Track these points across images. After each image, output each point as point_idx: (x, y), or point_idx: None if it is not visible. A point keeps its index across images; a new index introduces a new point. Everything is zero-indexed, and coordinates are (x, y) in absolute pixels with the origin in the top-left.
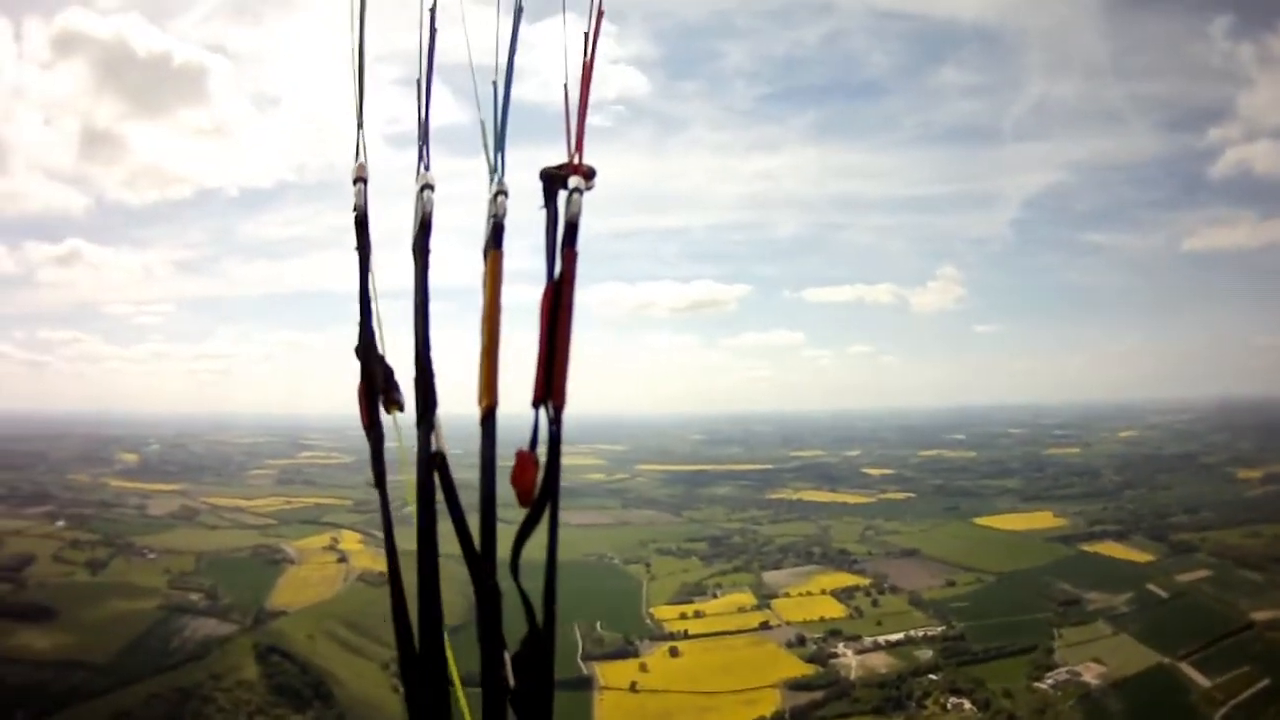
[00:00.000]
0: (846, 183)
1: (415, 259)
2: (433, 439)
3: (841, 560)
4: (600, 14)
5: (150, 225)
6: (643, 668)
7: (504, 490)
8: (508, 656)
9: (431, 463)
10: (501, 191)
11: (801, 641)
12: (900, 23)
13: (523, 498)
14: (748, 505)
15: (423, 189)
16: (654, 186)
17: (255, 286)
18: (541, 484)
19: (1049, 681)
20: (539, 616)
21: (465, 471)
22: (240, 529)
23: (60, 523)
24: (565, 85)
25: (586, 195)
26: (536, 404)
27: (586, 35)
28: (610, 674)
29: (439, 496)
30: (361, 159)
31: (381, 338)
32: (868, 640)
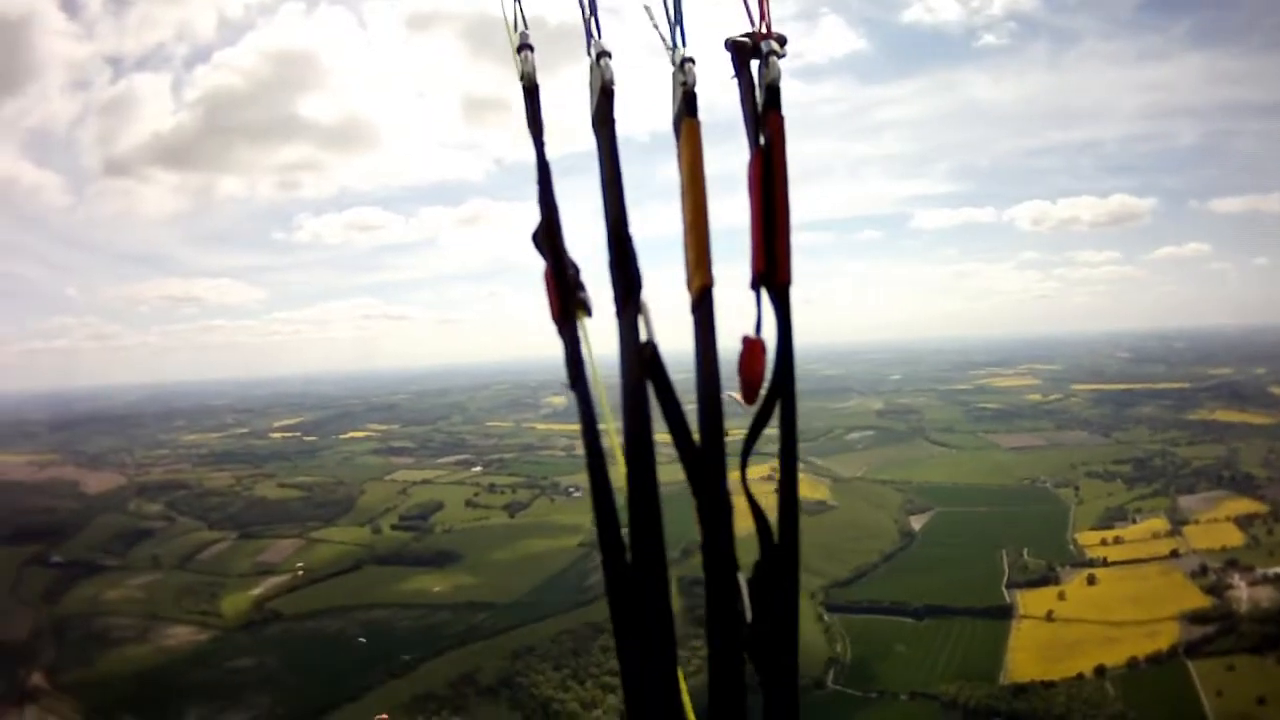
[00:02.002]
0: (1231, 89)
1: (598, 130)
2: (640, 326)
3: (1246, 485)
4: None
5: (560, 178)
6: (1061, 596)
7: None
8: (743, 582)
9: (641, 354)
10: (689, 59)
11: (1204, 571)
12: None
13: (749, 391)
14: (1168, 426)
15: (599, 57)
16: (1060, 101)
17: (676, 226)
18: (774, 373)
19: None
20: (775, 532)
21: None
22: (676, 463)
23: (476, 469)
24: None
25: (783, 63)
26: (756, 284)
27: None
28: (1031, 602)
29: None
30: (523, 27)
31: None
32: (1259, 572)
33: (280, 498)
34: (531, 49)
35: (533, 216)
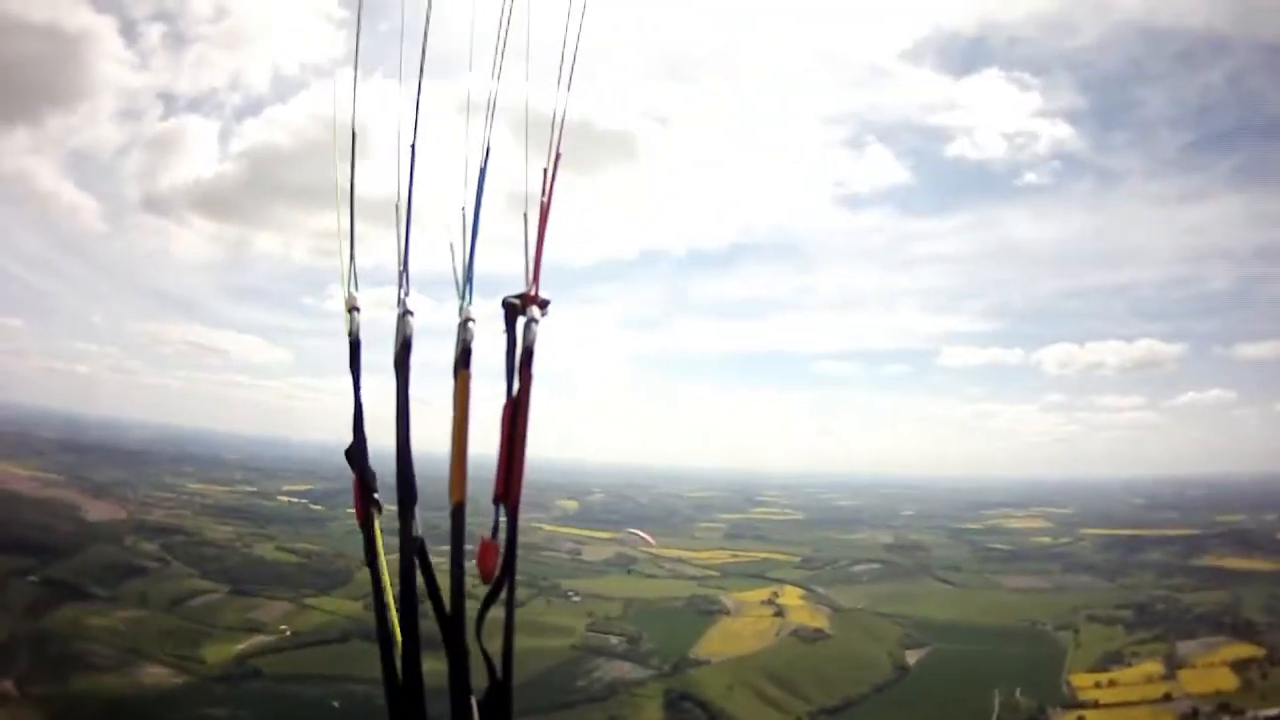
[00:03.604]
0: (1268, 231)
1: (397, 373)
2: (414, 526)
3: (1246, 630)
4: (558, 155)
5: (596, 283)
6: None
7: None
8: (474, 702)
9: (413, 545)
10: (470, 319)
11: (1195, 714)
12: None
13: (485, 577)
14: (1174, 572)
15: (404, 314)
16: (1098, 242)
17: (710, 344)
18: (501, 565)
19: None
20: (499, 671)
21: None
22: (679, 579)
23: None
24: (525, 216)
25: (541, 323)
26: (496, 501)
27: (546, 171)
28: None
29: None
30: (352, 290)
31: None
32: (1249, 714)
33: (277, 560)
34: (358, 310)
35: (564, 316)
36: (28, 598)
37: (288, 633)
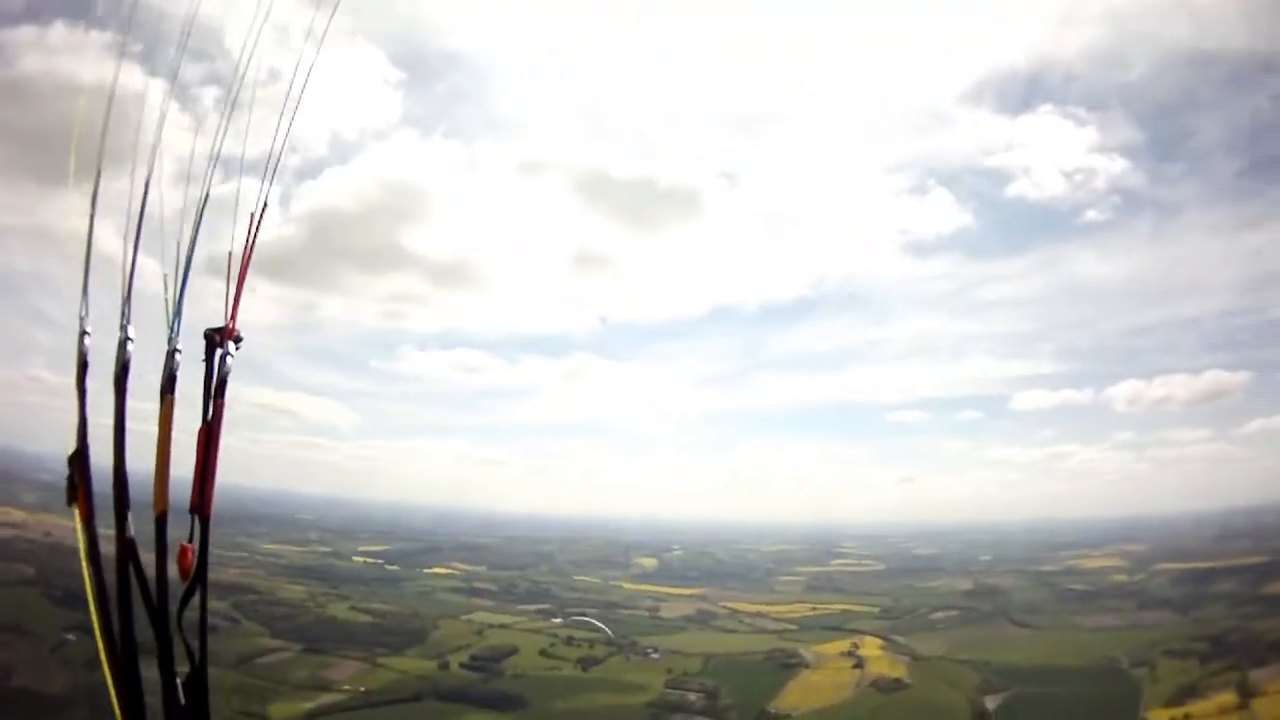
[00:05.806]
0: None
1: (116, 392)
2: (128, 528)
3: None
4: (264, 205)
5: (668, 341)
6: None
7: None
8: (179, 683)
9: (127, 545)
10: (176, 349)
11: None
12: None
13: (183, 575)
14: (1246, 601)
15: (124, 340)
16: (1161, 276)
17: (783, 399)
18: (195, 566)
19: None
20: (196, 656)
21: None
22: (758, 634)
23: (556, 620)
24: (230, 254)
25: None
26: (192, 510)
27: (252, 216)
28: None
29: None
30: (83, 314)
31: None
32: None
33: (350, 620)
34: (89, 333)
35: (638, 374)
36: (88, 650)
37: (362, 690)
